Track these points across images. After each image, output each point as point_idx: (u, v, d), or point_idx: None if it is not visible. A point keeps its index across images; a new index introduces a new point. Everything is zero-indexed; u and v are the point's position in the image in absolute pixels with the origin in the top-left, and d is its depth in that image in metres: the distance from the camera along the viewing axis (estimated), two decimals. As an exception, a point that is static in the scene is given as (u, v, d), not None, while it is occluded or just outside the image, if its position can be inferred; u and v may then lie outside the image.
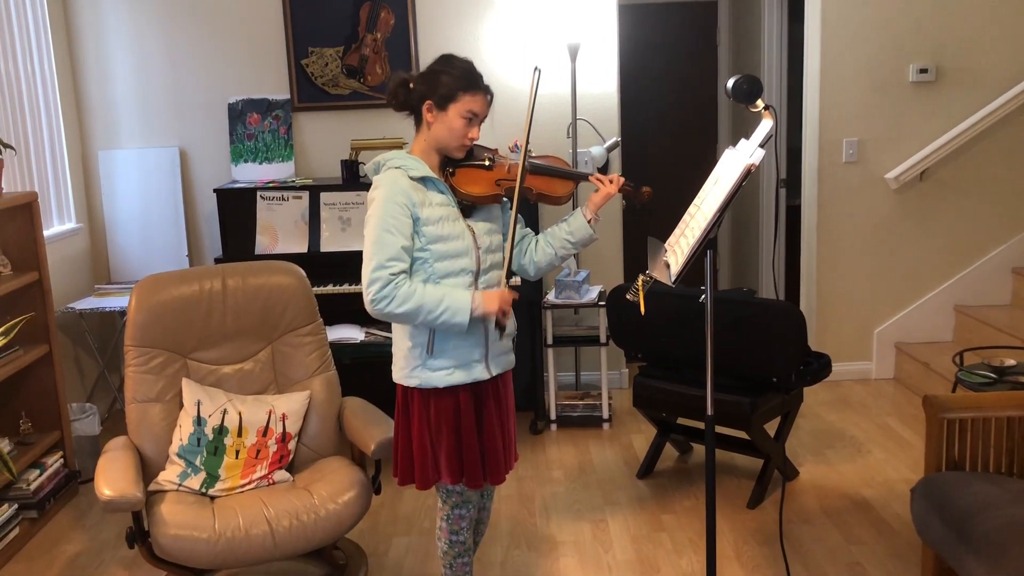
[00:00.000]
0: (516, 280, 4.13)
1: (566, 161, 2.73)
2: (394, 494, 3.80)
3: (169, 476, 2.91)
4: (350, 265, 4.30)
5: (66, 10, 4.73)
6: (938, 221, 4.89)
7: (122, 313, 4.47)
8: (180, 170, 4.83)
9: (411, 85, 2.48)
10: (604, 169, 4.68)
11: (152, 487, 2.89)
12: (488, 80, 2.50)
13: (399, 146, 4.32)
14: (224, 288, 3.13)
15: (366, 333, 4.16)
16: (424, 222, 2.42)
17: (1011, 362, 3.44)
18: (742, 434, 3.66)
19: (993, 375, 3.38)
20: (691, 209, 2.54)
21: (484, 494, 2.81)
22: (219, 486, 2.92)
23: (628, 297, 2.60)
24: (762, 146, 2.35)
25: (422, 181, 2.45)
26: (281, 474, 3.00)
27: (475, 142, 2.53)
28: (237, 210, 4.46)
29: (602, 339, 4.44)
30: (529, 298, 4.37)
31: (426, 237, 2.43)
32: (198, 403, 2.99)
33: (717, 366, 2.49)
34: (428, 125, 2.48)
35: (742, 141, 2.42)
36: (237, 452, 2.97)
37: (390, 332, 2.67)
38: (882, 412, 4.58)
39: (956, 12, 4.69)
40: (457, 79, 2.43)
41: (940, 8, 4.69)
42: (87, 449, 4.09)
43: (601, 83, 4.77)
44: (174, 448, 2.95)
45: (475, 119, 2.47)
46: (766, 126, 2.38)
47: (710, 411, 2.49)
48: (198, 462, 2.93)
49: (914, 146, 4.79)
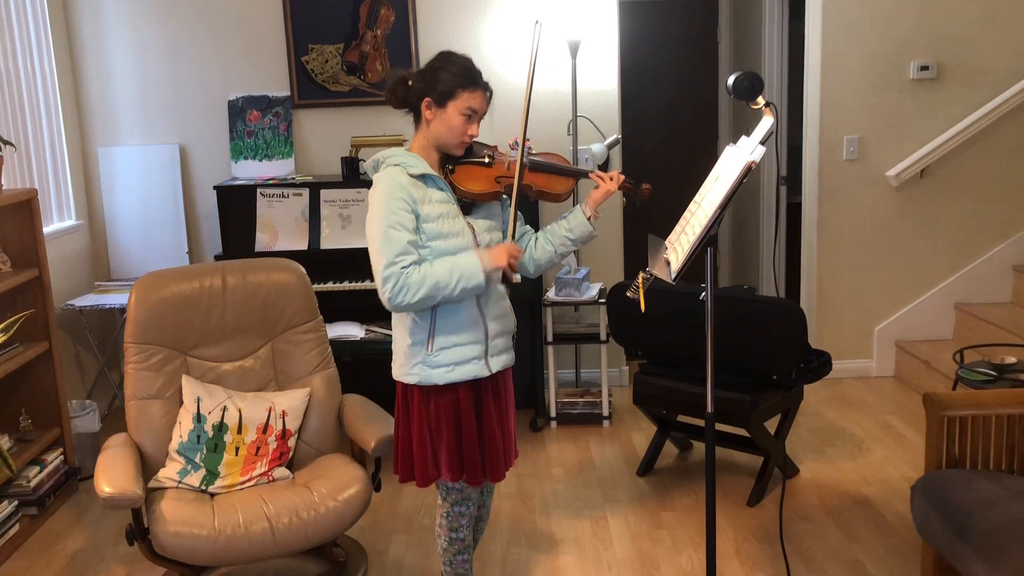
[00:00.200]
0: (516, 278, 4.13)
1: (566, 158, 2.73)
2: (394, 491, 3.80)
3: (169, 473, 2.91)
4: (350, 262, 4.30)
5: (66, 7, 4.72)
6: (939, 219, 4.88)
7: (122, 310, 4.47)
8: (180, 167, 4.82)
9: (410, 82, 2.48)
10: (605, 166, 4.67)
11: (152, 484, 2.89)
12: (488, 77, 2.50)
13: (399, 143, 4.31)
14: (224, 285, 3.13)
15: (366, 330, 4.15)
16: (424, 219, 2.42)
17: (1011, 360, 3.44)
18: (742, 431, 3.66)
19: (993, 373, 3.37)
20: (691, 206, 2.53)
21: (484, 491, 2.81)
22: (219, 483, 2.92)
23: (628, 294, 2.60)
24: (763, 143, 2.34)
25: (422, 178, 2.45)
26: (281, 471, 3.00)
27: (474, 139, 2.53)
28: (237, 207, 4.45)
29: (602, 336, 4.44)
30: (529, 296, 4.37)
31: (426, 234, 2.43)
32: (198, 400, 2.99)
33: (717, 363, 2.49)
34: (427, 122, 2.47)
35: (743, 138, 2.42)
36: (237, 449, 2.97)
37: (390, 329, 2.67)
38: (882, 410, 4.58)
39: (957, 9, 4.68)
40: (456, 76, 2.43)
41: (941, 5, 4.68)
42: (87, 446, 4.09)
43: (602, 80, 4.76)
44: (174, 445, 2.95)
45: (474, 116, 2.46)
46: (767, 123, 2.38)
47: (710, 408, 2.49)
48: (198, 459, 2.93)
49: (915, 144, 4.78)
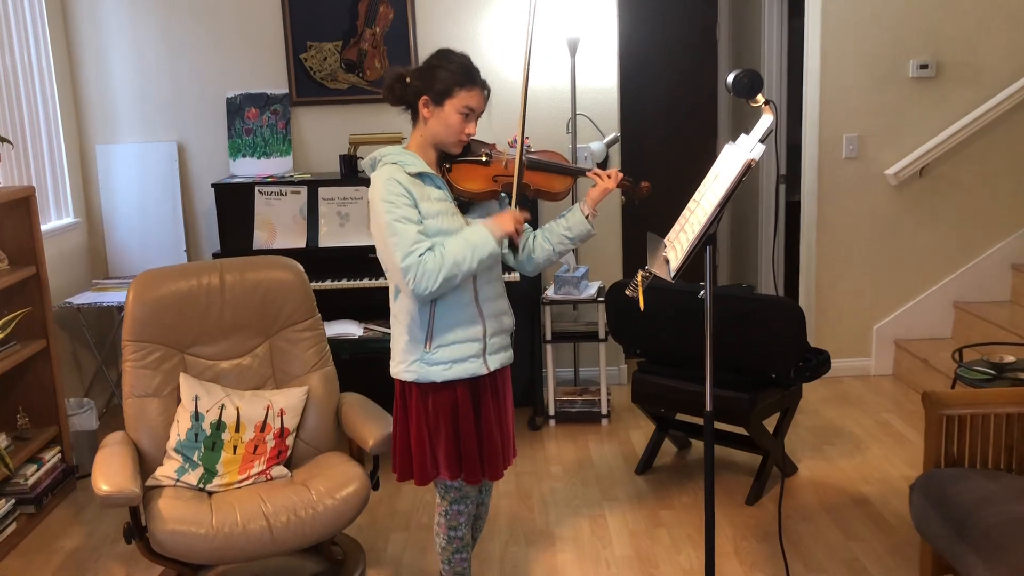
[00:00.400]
0: (514, 275, 4.13)
1: (564, 156, 2.72)
2: (392, 490, 3.79)
3: (167, 471, 2.91)
4: (348, 260, 4.29)
5: (64, 4, 4.71)
6: (938, 217, 4.88)
7: (120, 308, 4.46)
8: (178, 165, 4.81)
9: (407, 80, 2.47)
10: (604, 165, 4.67)
11: (150, 482, 2.89)
12: (486, 75, 2.49)
13: (397, 141, 4.31)
14: (222, 283, 3.12)
15: (364, 328, 4.15)
16: (423, 217, 2.42)
17: (1010, 358, 3.44)
18: (741, 430, 3.66)
19: (992, 371, 3.37)
20: (690, 204, 2.53)
21: (482, 490, 2.80)
22: (217, 481, 2.92)
23: (627, 293, 2.60)
24: (762, 141, 2.34)
25: (419, 177, 2.44)
26: (279, 470, 3.00)
27: (472, 137, 2.52)
28: (235, 205, 4.45)
29: (601, 335, 4.43)
30: (528, 294, 4.36)
31: (425, 232, 2.42)
32: (196, 398, 2.98)
33: (716, 362, 2.48)
34: (424, 120, 2.47)
35: (742, 136, 2.41)
36: (235, 447, 2.96)
37: (388, 327, 2.66)
38: (881, 408, 4.58)
39: (957, 7, 4.68)
40: (454, 74, 2.42)
41: (940, 3, 4.68)
42: (85, 444, 4.08)
43: (600, 78, 4.76)
44: (172, 443, 2.95)
45: (472, 115, 2.46)
46: (766, 121, 2.37)
47: (709, 407, 2.48)
48: (196, 457, 2.92)
49: (914, 142, 4.78)
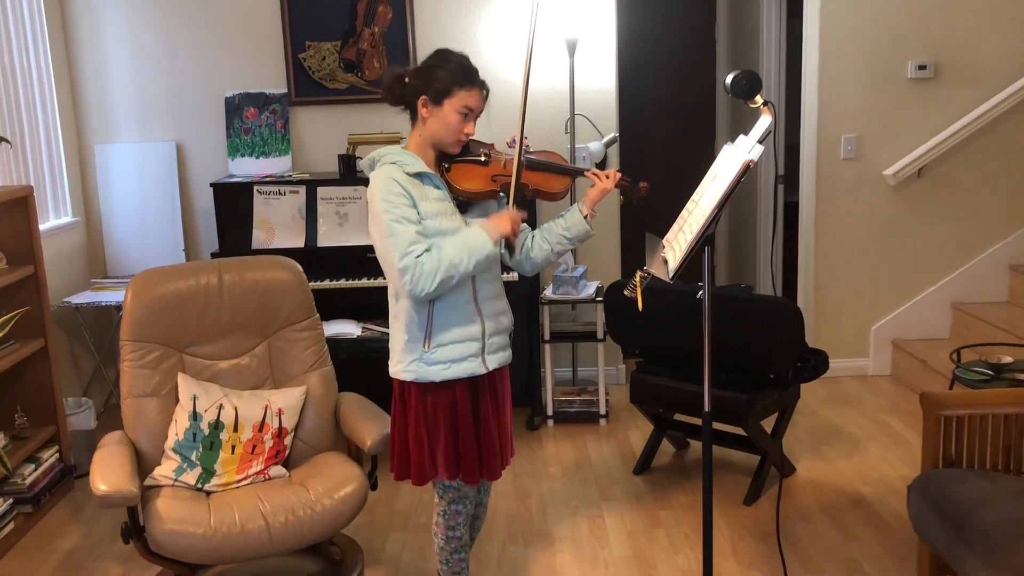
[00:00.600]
0: (513, 275, 4.12)
1: (563, 156, 2.72)
2: (390, 489, 3.79)
3: (165, 471, 2.91)
4: (347, 260, 4.29)
5: (62, 3, 4.71)
6: (936, 218, 4.88)
7: (118, 307, 4.46)
8: (177, 164, 4.81)
9: (406, 80, 2.47)
10: (602, 165, 4.67)
11: (148, 482, 2.88)
12: (485, 75, 2.49)
13: (396, 141, 4.31)
14: (220, 283, 3.12)
15: (363, 328, 4.15)
16: (422, 217, 2.42)
17: (1008, 359, 3.44)
18: (739, 430, 3.66)
19: (990, 372, 3.37)
20: (689, 205, 2.53)
21: (481, 490, 2.80)
22: (215, 481, 2.92)
23: (626, 293, 2.60)
24: (761, 142, 2.34)
25: (418, 177, 2.44)
26: (277, 469, 3.00)
27: (471, 137, 2.52)
28: (234, 204, 4.44)
29: (599, 335, 4.43)
30: (526, 294, 4.36)
31: (424, 233, 2.42)
32: (194, 398, 2.98)
33: (714, 362, 2.48)
34: (423, 120, 2.47)
35: (741, 137, 2.42)
36: (233, 447, 2.96)
37: (387, 327, 2.66)
38: (879, 409, 4.58)
39: (955, 8, 4.68)
40: (453, 74, 2.42)
41: (939, 4, 4.68)
42: (83, 444, 4.08)
43: (599, 78, 4.76)
44: (170, 443, 2.95)
45: (471, 114, 2.46)
46: (765, 122, 2.37)
47: (707, 407, 2.48)
48: (194, 457, 2.92)
49: (912, 143, 4.79)
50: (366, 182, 2.47)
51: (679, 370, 3.68)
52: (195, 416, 2.96)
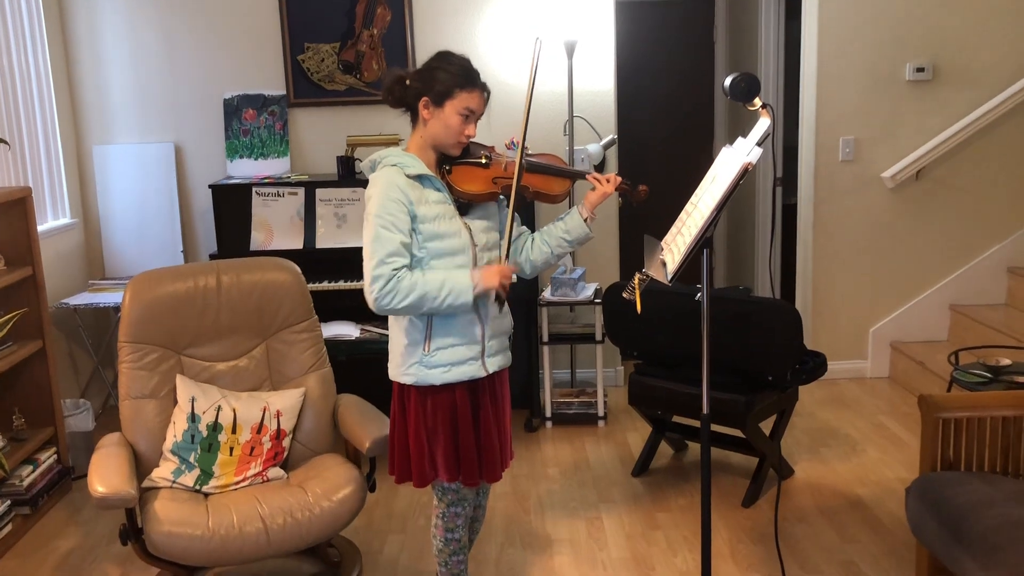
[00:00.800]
0: (512, 277, 4.12)
1: (563, 159, 2.72)
2: (389, 491, 3.79)
3: (163, 473, 2.91)
4: (345, 261, 4.29)
5: (61, 4, 4.70)
6: (934, 220, 4.89)
7: (116, 309, 4.45)
8: (175, 166, 4.81)
9: (407, 82, 2.47)
10: (601, 166, 4.68)
11: (146, 484, 2.88)
12: (484, 77, 2.49)
13: (395, 143, 4.31)
14: (219, 284, 3.12)
15: (361, 330, 4.15)
16: (421, 220, 2.42)
17: (1006, 361, 3.44)
18: (738, 432, 3.66)
19: (988, 375, 3.38)
20: (688, 207, 2.53)
21: (480, 492, 2.80)
22: (213, 483, 2.91)
23: (624, 295, 2.60)
24: (759, 145, 2.34)
25: (419, 179, 2.44)
26: (275, 471, 3.00)
27: (471, 139, 2.52)
28: (232, 206, 4.44)
29: (598, 337, 4.43)
30: (525, 296, 4.36)
31: (423, 235, 2.42)
32: (192, 400, 2.98)
33: (713, 364, 2.48)
34: (424, 122, 2.47)
35: (739, 139, 2.42)
36: (231, 449, 2.96)
37: (386, 329, 2.66)
38: (877, 411, 4.58)
39: (953, 11, 4.69)
40: (454, 76, 2.42)
41: (937, 7, 4.69)
42: (81, 445, 4.08)
43: (598, 80, 4.76)
44: (168, 445, 2.94)
45: (471, 116, 2.46)
46: (763, 124, 2.38)
47: (706, 409, 2.48)
48: (192, 459, 2.92)
49: (910, 145, 4.79)
50: (365, 184, 2.47)
51: (677, 372, 3.68)
52: (193, 418, 2.96)
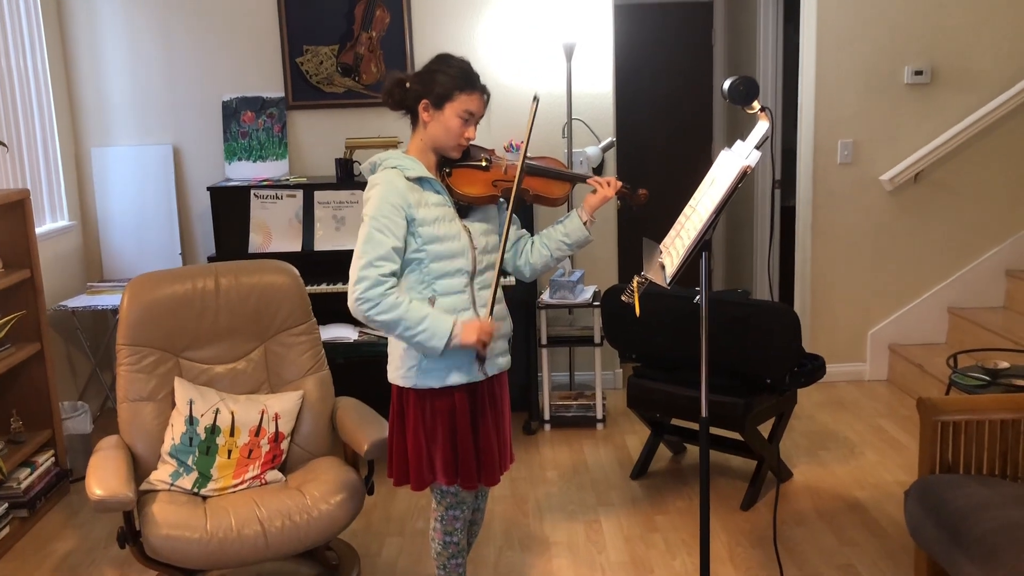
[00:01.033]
0: (511, 280, 4.13)
1: (563, 162, 2.72)
2: (387, 494, 3.79)
3: (161, 476, 2.90)
4: (344, 264, 4.23)
5: (59, 6, 4.70)
6: (932, 223, 4.89)
7: (114, 311, 4.45)
8: (173, 168, 4.81)
9: (407, 84, 2.48)
10: (599, 169, 4.68)
11: (144, 487, 2.88)
12: (484, 80, 2.49)
13: (394, 145, 4.31)
14: (217, 287, 3.12)
15: (360, 333, 4.14)
16: (420, 222, 2.42)
17: (1005, 364, 3.44)
18: (736, 435, 3.66)
19: (987, 377, 3.38)
20: (686, 210, 2.53)
21: (478, 495, 2.80)
22: (211, 486, 2.91)
23: (623, 298, 2.60)
24: (758, 148, 2.34)
25: (418, 181, 2.44)
26: (273, 474, 2.99)
27: (471, 142, 2.52)
28: (231, 208, 4.44)
29: (596, 339, 4.43)
30: (524, 298, 4.36)
31: (422, 238, 2.42)
32: (190, 402, 2.98)
33: (711, 367, 2.48)
34: (424, 124, 2.47)
35: (738, 142, 2.42)
36: (229, 452, 2.95)
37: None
38: (876, 414, 4.58)
39: (951, 14, 4.70)
40: (454, 78, 2.42)
41: (935, 10, 4.70)
42: (79, 448, 4.07)
43: (597, 83, 4.76)
44: (166, 447, 2.94)
45: (471, 119, 2.46)
46: (762, 128, 2.38)
47: (704, 412, 2.48)
48: (190, 462, 2.91)
49: (909, 148, 4.80)
50: (363, 186, 2.47)
51: (676, 375, 3.68)
52: (191, 420, 2.95)
